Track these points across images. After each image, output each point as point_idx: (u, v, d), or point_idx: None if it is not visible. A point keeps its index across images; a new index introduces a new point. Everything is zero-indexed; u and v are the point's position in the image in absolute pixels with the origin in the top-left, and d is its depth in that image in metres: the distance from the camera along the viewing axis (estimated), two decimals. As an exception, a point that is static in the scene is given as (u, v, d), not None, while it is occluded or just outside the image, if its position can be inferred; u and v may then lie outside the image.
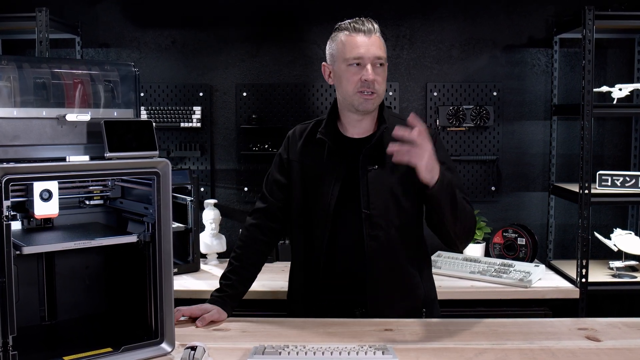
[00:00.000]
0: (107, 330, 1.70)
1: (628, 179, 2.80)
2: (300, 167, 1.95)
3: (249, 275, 1.97)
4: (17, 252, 1.42)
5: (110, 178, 1.68)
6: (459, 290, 2.62)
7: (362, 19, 1.87)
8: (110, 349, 1.49)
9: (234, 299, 1.91)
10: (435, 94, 3.20)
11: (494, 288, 2.65)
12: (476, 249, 3.02)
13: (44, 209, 1.51)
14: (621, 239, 2.87)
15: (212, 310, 1.82)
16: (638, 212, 3.19)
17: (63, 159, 1.47)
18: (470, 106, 3.18)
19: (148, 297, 1.56)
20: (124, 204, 1.74)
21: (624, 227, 3.09)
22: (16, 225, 1.60)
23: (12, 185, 1.33)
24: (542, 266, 2.79)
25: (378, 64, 1.84)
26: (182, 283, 2.68)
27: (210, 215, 3.03)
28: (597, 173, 2.86)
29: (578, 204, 2.74)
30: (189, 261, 2.89)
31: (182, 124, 3.18)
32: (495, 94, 3.19)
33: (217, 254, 3.08)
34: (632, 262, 2.92)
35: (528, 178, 3.25)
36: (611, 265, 2.91)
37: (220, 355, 1.54)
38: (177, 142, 3.24)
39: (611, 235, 2.92)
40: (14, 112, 1.43)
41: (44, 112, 1.47)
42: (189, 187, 2.89)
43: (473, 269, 2.78)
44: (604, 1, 2.91)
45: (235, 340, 1.67)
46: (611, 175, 2.83)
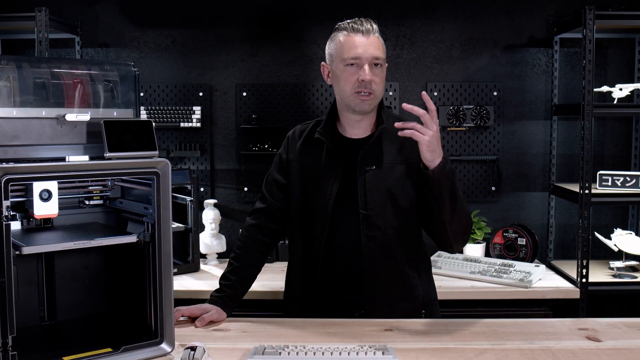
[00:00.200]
0: (106, 330, 1.69)
1: (628, 179, 2.80)
2: (299, 167, 1.95)
3: (248, 275, 1.97)
4: (17, 252, 1.42)
5: (109, 178, 1.68)
6: (459, 291, 2.62)
7: (361, 19, 1.87)
8: (110, 349, 1.49)
9: (233, 299, 1.91)
10: (436, 94, 3.20)
11: (494, 288, 2.65)
12: (476, 249, 3.01)
13: (44, 209, 1.51)
14: (621, 239, 2.86)
15: (211, 310, 1.82)
16: (638, 212, 3.18)
17: (63, 159, 1.47)
18: (471, 106, 3.17)
19: (148, 297, 1.56)
20: (124, 204, 1.74)
21: (624, 227, 3.09)
22: (16, 226, 1.60)
23: (11, 185, 1.33)
24: (543, 266, 2.78)
25: (376, 65, 1.83)
26: (182, 283, 2.67)
27: (210, 215, 3.02)
28: (598, 173, 2.85)
29: (578, 204, 2.74)
30: (189, 261, 2.89)
31: (182, 124, 3.18)
32: (495, 93, 3.19)
33: (217, 254, 3.08)
34: (633, 262, 2.92)
35: (528, 178, 3.24)
36: (611, 266, 2.91)
37: (220, 356, 1.54)
38: (176, 142, 3.24)
39: (611, 235, 2.91)
40: (14, 112, 1.43)
41: (43, 112, 1.46)
42: (189, 187, 2.89)
43: (473, 269, 2.78)
44: (605, 1, 2.90)
45: (235, 340, 1.67)
46: (611, 175, 2.83)
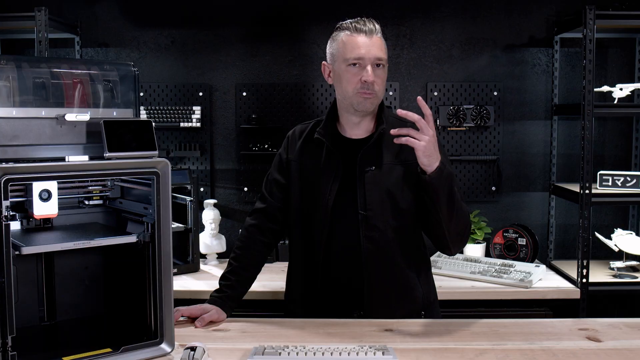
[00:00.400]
0: (106, 330, 1.69)
1: (629, 179, 2.79)
2: (299, 167, 1.95)
3: (248, 275, 1.97)
4: (16, 253, 1.41)
5: (109, 178, 1.68)
6: (460, 291, 2.62)
7: (364, 18, 1.85)
8: (109, 350, 1.49)
9: (233, 299, 1.91)
10: (436, 93, 3.20)
11: (495, 288, 2.64)
12: (476, 249, 3.01)
13: (43, 209, 1.50)
14: (622, 239, 2.86)
15: (211, 311, 1.81)
16: (639, 212, 3.18)
17: (62, 159, 1.47)
18: (471, 106, 3.17)
19: (147, 297, 1.56)
20: (124, 204, 1.73)
21: (624, 227, 3.09)
22: (15, 226, 1.60)
23: (11, 185, 1.33)
24: (543, 266, 2.78)
25: (378, 65, 1.83)
26: (182, 283, 2.67)
27: (209, 216, 3.02)
28: (598, 173, 2.85)
29: (579, 204, 2.74)
30: (189, 261, 2.89)
31: (182, 124, 3.17)
32: (495, 93, 3.19)
33: (217, 254, 3.07)
34: (633, 263, 2.91)
35: (529, 178, 3.24)
36: (612, 266, 2.91)
37: (220, 356, 1.54)
38: (176, 142, 3.23)
39: (612, 235, 2.91)
40: (13, 112, 1.42)
41: (43, 112, 1.46)
42: (189, 187, 2.89)
43: (473, 270, 2.78)
44: (605, 1, 2.90)
45: (235, 340, 1.67)
46: (612, 175, 2.83)
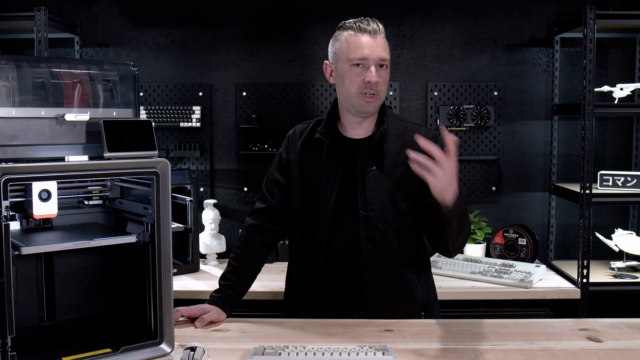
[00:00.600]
0: (106, 330, 1.69)
1: (629, 179, 2.79)
2: (299, 167, 1.94)
3: (248, 276, 1.96)
4: (16, 253, 1.41)
5: (109, 178, 1.67)
6: (460, 291, 2.61)
7: (367, 18, 1.84)
8: (109, 350, 1.49)
9: (233, 299, 1.90)
10: (436, 93, 3.19)
11: (495, 288, 2.64)
12: (477, 250, 3.01)
13: (43, 209, 1.50)
14: (622, 239, 2.86)
15: (211, 311, 1.81)
16: (639, 212, 3.18)
17: (62, 159, 1.46)
18: (471, 106, 3.17)
19: (147, 297, 1.55)
20: (123, 204, 1.73)
21: (625, 228, 3.09)
22: (15, 226, 1.60)
23: (10, 185, 1.32)
24: (543, 266, 2.78)
25: (381, 66, 1.82)
26: (182, 283, 2.67)
27: (209, 216, 3.02)
28: (599, 173, 2.85)
29: (579, 204, 2.73)
30: (189, 261, 2.89)
31: (182, 124, 3.17)
32: (496, 93, 3.19)
33: (217, 254, 3.07)
34: (634, 263, 2.91)
35: (529, 178, 3.24)
36: (612, 266, 2.91)
37: (220, 356, 1.54)
38: (176, 142, 3.23)
39: (612, 235, 2.91)
40: (13, 112, 1.42)
41: (42, 112, 1.46)
42: (189, 187, 2.89)
43: (474, 270, 2.78)
44: (605, 0, 2.90)
45: (234, 340, 1.67)
46: (612, 175, 2.83)
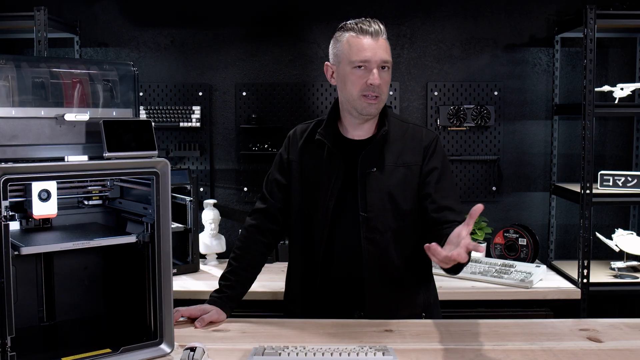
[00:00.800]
0: (106, 331, 1.69)
1: (630, 179, 2.79)
2: (300, 167, 1.94)
3: (248, 276, 1.96)
4: (16, 253, 1.41)
5: (109, 178, 1.67)
6: (460, 291, 2.61)
7: (369, 19, 1.82)
8: (109, 350, 1.48)
9: (233, 299, 1.90)
10: (436, 93, 3.19)
11: (495, 289, 2.64)
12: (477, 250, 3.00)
13: (43, 209, 1.50)
14: (623, 240, 2.86)
15: (211, 311, 1.81)
16: None
17: (62, 159, 1.46)
18: (471, 106, 3.17)
19: (147, 297, 1.55)
20: (123, 204, 1.73)
21: (625, 228, 3.08)
22: (14, 226, 1.59)
23: (10, 185, 1.32)
24: (543, 267, 2.78)
25: (383, 68, 1.80)
26: (182, 284, 2.67)
27: (209, 216, 3.02)
28: (599, 173, 2.85)
29: (579, 204, 2.73)
30: (188, 262, 2.88)
31: (182, 124, 3.17)
32: (496, 93, 3.18)
33: (217, 254, 3.07)
34: (634, 263, 2.91)
35: (529, 178, 3.24)
36: (613, 266, 2.91)
37: (220, 356, 1.53)
38: (176, 142, 3.23)
39: (613, 235, 2.91)
40: (13, 112, 1.42)
41: (42, 112, 1.46)
42: (188, 187, 2.88)
43: (474, 270, 2.77)
44: (606, 0, 2.90)
45: (234, 341, 1.66)
46: (613, 175, 2.82)
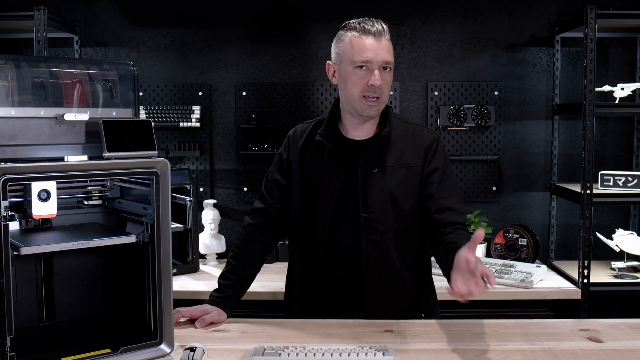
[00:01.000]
0: (105, 331, 1.69)
1: (630, 179, 2.79)
2: (300, 168, 1.93)
3: (247, 274, 1.95)
4: (15, 253, 1.41)
5: (108, 178, 1.67)
6: (460, 291, 2.60)
7: (372, 19, 1.81)
8: (109, 350, 1.48)
9: (233, 299, 1.89)
10: (436, 93, 3.19)
11: (495, 289, 2.63)
12: (477, 250, 2.98)
13: (42, 209, 1.50)
14: (623, 240, 2.86)
15: (212, 312, 1.80)
16: (640, 212, 3.18)
17: (61, 159, 1.46)
18: (472, 106, 3.16)
19: (147, 298, 1.55)
20: (123, 204, 1.73)
21: (626, 228, 3.08)
22: (14, 226, 1.59)
23: (10, 185, 1.32)
24: (544, 267, 2.77)
25: (385, 68, 1.79)
26: (181, 284, 2.67)
27: (209, 216, 3.02)
28: (599, 173, 2.85)
29: (580, 204, 2.73)
30: (188, 262, 2.88)
31: (181, 124, 3.17)
32: (496, 93, 3.18)
33: (217, 254, 3.07)
34: (634, 263, 2.91)
35: (529, 178, 3.24)
36: (613, 266, 2.91)
37: (220, 357, 1.53)
38: (176, 141, 3.23)
39: (613, 235, 2.91)
40: (12, 112, 1.42)
41: (42, 112, 1.46)
42: (188, 187, 2.88)
43: (474, 270, 2.77)
44: (606, 0, 2.89)
45: (234, 341, 1.66)
46: (613, 175, 2.82)
